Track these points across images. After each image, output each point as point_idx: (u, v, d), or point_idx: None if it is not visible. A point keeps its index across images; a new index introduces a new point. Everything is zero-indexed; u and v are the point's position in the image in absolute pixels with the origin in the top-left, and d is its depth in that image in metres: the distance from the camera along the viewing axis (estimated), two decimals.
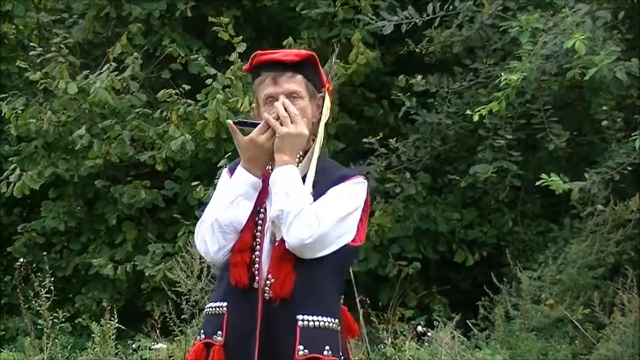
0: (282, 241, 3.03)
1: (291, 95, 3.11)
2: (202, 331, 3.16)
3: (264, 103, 3.15)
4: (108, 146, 8.32)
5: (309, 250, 3.00)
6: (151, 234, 8.59)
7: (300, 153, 3.15)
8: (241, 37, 8.31)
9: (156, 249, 8.34)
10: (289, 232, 2.99)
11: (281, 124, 3.05)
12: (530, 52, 7.10)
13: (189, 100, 8.32)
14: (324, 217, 3.01)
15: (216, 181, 7.70)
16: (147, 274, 8.16)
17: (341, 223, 3.06)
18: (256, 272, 3.06)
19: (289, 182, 3.03)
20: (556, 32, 7.10)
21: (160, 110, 8.51)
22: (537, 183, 7.06)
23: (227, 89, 8.23)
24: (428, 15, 7.90)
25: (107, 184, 8.68)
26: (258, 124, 3.10)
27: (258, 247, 3.09)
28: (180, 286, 6.81)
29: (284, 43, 8.31)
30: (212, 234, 3.08)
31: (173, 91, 8.33)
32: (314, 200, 3.06)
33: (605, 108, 7.73)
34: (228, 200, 3.08)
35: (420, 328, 7.40)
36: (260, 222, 3.11)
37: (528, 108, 7.74)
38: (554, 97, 7.86)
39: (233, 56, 8.21)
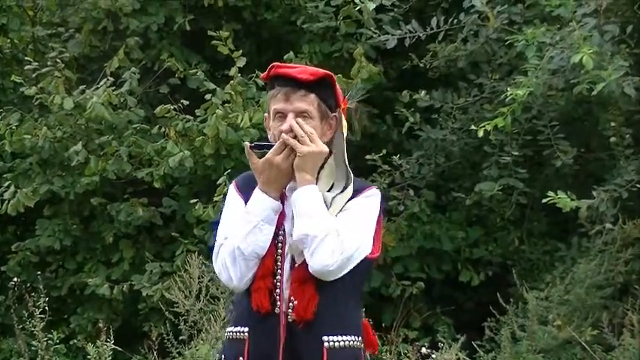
0: (303, 263, 3.02)
1: (301, 114, 3.07)
2: (223, 356, 3.16)
3: (273, 118, 3.12)
4: (105, 163, 8.21)
5: (332, 275, 2.99)
6: (149, 253, 8.47)
7: None
8: (241, 51, 8.23)
9: (153, 268, 8.22)
10: (313, 258, 2.97)
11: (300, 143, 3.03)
12: (537, 67, 7.07)
13: (187, 116, 8.23)
14: (347, 239, 2.99)
15: (217, 198, 7.70)
16: (144, 294, 8.03)
17: (362, 240, 3.04)
18: (277, 296, 3.04)
19: (313, 204, 3.01)
20: (563, 46, 7.07)
21: (157, 126, 8.41)
22: (544, 201, 6.99)
23: (226, 104, 8.13)
24: (432, 29, 7.86)
25: (104, 202, 8.55)
26: (273, 145, 3.06)
27: (279, 270, 3.05)
28: (178, 307, 6.75)
29: (285, 57, 8.22)
30: (234, 262, 3.05)
31: (171, 107, 8.24)
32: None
33: (613, 124, 7.73)
34: (250, 226, 3.03)
35: (424, 349, 7.32)
36: (280, 245, 3.08)
37: (535, 124, 7.72)
38: (561, 112, 7.84)
39: (233, 71, 8.12)
